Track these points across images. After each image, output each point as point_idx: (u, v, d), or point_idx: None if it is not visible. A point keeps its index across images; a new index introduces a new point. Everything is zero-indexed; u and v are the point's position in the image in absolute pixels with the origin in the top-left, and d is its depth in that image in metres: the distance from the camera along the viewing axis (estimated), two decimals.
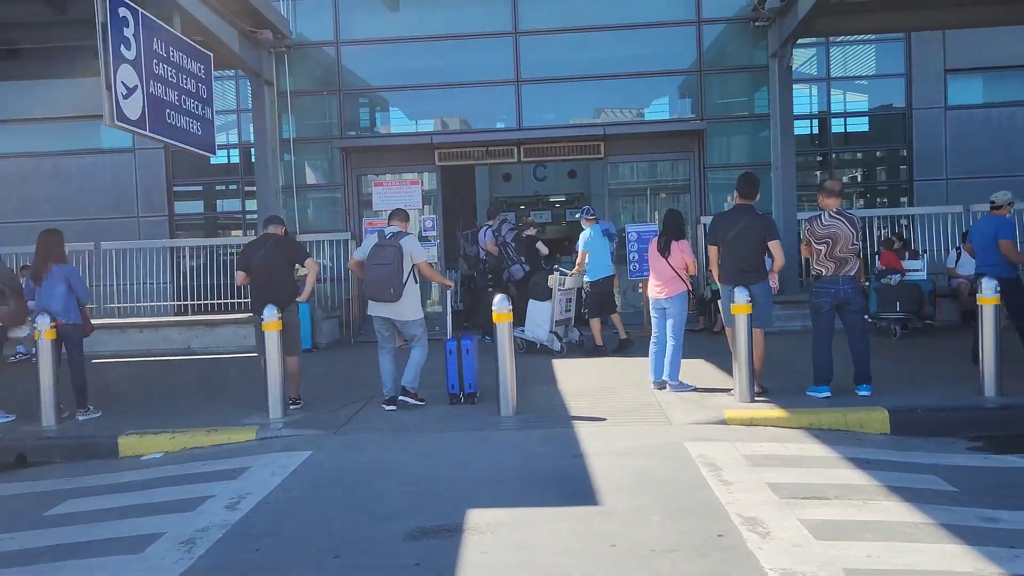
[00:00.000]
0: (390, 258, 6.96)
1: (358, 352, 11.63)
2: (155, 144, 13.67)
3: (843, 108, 14.09)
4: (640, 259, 12.14)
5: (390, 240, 7.10)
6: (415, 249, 7.14)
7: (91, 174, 14.39)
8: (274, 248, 7.10)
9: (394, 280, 6.95)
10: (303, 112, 13.60)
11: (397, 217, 7.34)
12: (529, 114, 13.07)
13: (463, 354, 7.32)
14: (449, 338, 7.45)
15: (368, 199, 13.20)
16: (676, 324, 7.57)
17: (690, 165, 13.04)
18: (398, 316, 7.18)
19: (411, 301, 7.14)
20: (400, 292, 6.99)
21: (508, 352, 6.85)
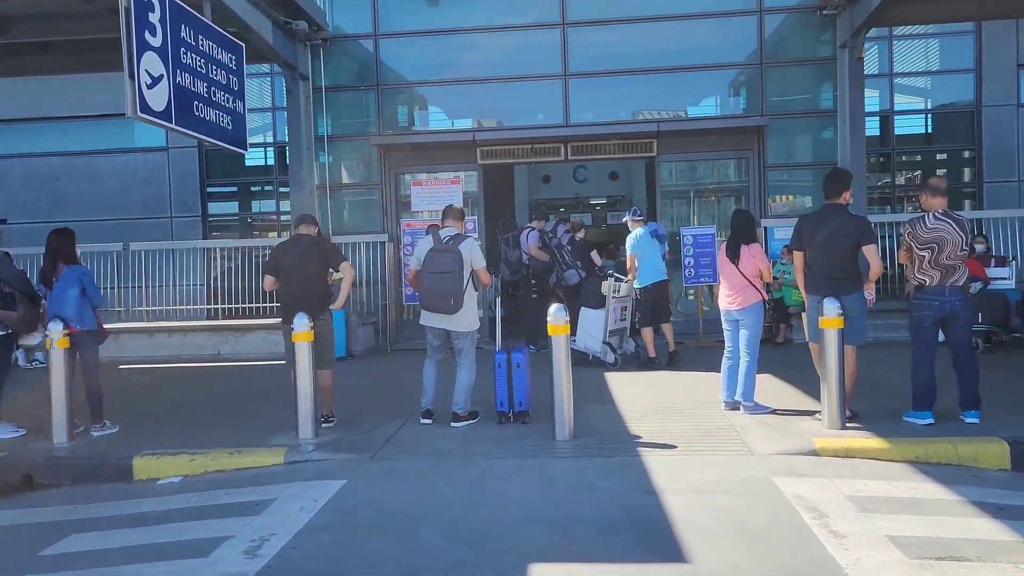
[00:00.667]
0: (450, 265, 6.30)
1: (395, 361, 10.98)
2: (188, 142, 13.30)
3: (906, 106, 13.17)
4: (696, 264, 11.36)
5: (448, 244, 6.43)
6: (476, 254, 6.48)
7: (124, 173, 13.97)
8: (306, 250, 6.45)
9: (455, 289, 6.30)
10: (339, 108, 12.98)
11: (451, 216, 6.66)
12: (577, 110, 12.32)
13: (513, 368, 6.59)
14: (498, 350, 6.72)
15: (407, 200, 12.55)
16: (751, 338, 6.79)
17: (748, 165, 12.18)
18: (455, 327, 6.53)
19: (469, 311, 6.50)
20: (461, 302, 6.34)
21: (564, 368, 6.10)
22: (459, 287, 6.29)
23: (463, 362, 6.62)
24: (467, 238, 6.53)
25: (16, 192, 14.03)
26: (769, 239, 11.72)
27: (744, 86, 12.47)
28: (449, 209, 6.72)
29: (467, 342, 6.58)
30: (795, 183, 12.50)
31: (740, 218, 7.34)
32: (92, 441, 6.53)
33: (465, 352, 6.59)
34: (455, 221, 6.65)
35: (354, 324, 11.34)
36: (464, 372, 6.61)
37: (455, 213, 6.69)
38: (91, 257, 12.56)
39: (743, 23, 12.14)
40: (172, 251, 12.55)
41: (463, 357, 6.61)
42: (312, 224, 6.62)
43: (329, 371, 6.64)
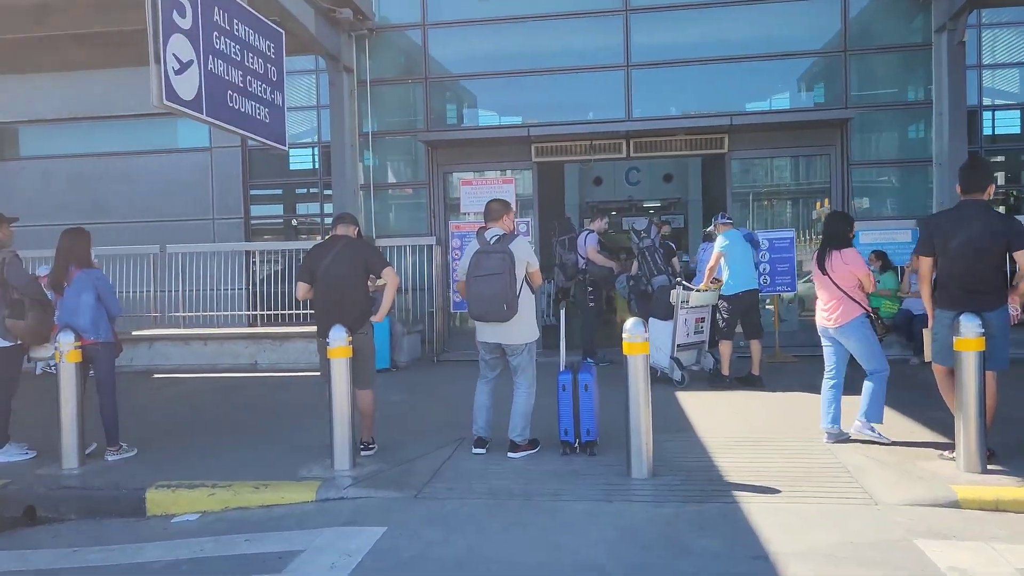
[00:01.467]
0: (499, 266, 5.47)
1: (443, 373, 10.16)
2: (230, 141, 12.70)
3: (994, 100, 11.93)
4: (772, 270, 10.33)
5: (496, 245, 5.58)
6: (530, 254, 5.66)
7: (165, 174, 13.41)
8: (344, 254, 5.63)
9: (507, 293, 5.45)
10: (384, 103, 12.23)
11: (494, 214, 5.72)
12: (640, 103, 11.38)
13: (580, 391, 5.69)
14: (562, 370, 5.83)
15: (455, 201, 11.75)
16: (869, 354, 5.87)
17: (830, 162, 11.10)
18: (508, 339, 5.68)
19: (526, 320, 5.66)
20: (515, 307, 5.50)
21: (643, 393, 5.17)
22: (511, 290, 5.45)
23: (520, 381, 5.76)
24: (516, 236, 5.67)
25: (61, 193, 13.58)
26: (855, 244, 10.58)
27: (825, 76, 11.39)
28: (491, 206, 5.75)
29: (524, 357, 5.72)
30: (881, 183, 11.36)
31: (833, 221, 6.37)
32: (105, 467, 5.80)
33: (523, 369, 5.74)
34: (499, 220, 5.74)
35: (399, 333, 10.56)
36: (522, 393, 5.75)
37: (498, 210, 5.72)
38: (127, 260, 12.06)
39: (824, 6, 11.08)
40: (211, 254, 11.92)
41: (520, 375, 5.75)
42: (351, 224, 5.81)
43: (370, 391, 5.82)
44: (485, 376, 5.94)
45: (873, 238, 10.60)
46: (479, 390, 5.95)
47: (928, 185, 10.93)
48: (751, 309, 8.39)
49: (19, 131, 14.06)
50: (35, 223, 13.40)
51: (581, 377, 5.69)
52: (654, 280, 9.34)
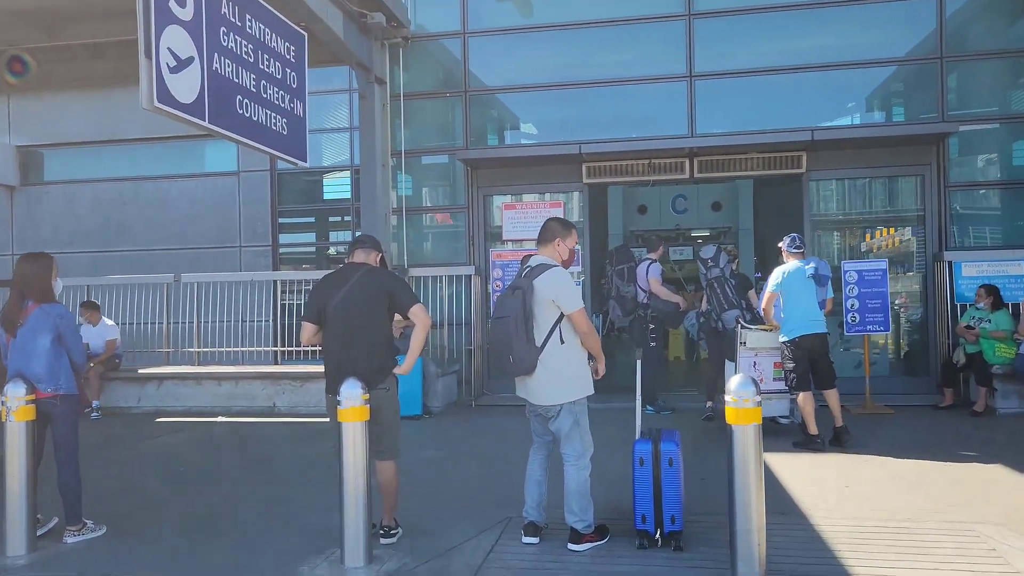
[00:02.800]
0: (511, 308, 4.30)
1: (482, 421, 8.92)
2: (259, 164, 11.82)
3: None
4: (862, 307, 8.96)
5: (521, 280, 4.41)
6: (561, 289, 4.32)
7: (192, 199, 12.48)
8: (362, 287, 4.42)
9: (515, 341, 4.26)
10: (420, 119, 11.17)
11: (545, 235, 4.55)
12: (704, 118, 10.13)
13: (663, 467, 4.39)
14: (639, 438, 4.54)
15: (497, 230, 10.61)
16: None
17: (924, 183, 9.71)
18: (536, 399, 4.44)
19: (558, 374, 4.35)
20: (528, 359, 4.28)
21: (754, 478, 3.86)
22: (519, 338, 4.25)
23: (567, 452, 4.45)
24: (550, 268, 4.39)
25: (83, 219, 12.74)
26: (956, 277, 9.22)
27: (917, 86, 10.04)
28: (544, 226, 4.59)
29: (564, 422, 4.40)
30: (983, 209, 9.93)
31: None
32: (62, 553, 4.61)
33: (566, 436, 4.42)
34: (546, 244, 4.53)
35: (432, 375, 9.34)
36: (571, 468, 4.45)
37: (549, 231, 4.54)
38: (140, 290, 11.08)
39: (915, 7, 9.77)
40: (232, 284, 10.87)
41: (565, 444, 4.45)
42: (372, 249, 4.61)
43: (392, 463, 4.57)
44: (536, 441, 4.69)
45: (980, 271, 9.19)
46: (531, 457, 4.69)
47: None
48: (818, 356, 7.02)
49: (44, 155, 13.29)
50: (59, 250, 12.63)
51: (664, 449, 4.40)
52: (724, 316, 8.06)
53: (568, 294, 4.32)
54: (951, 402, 8.78)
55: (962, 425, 7.91)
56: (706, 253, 8.27)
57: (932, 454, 6.59)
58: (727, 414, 3.89)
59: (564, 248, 4.54)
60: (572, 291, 4.36)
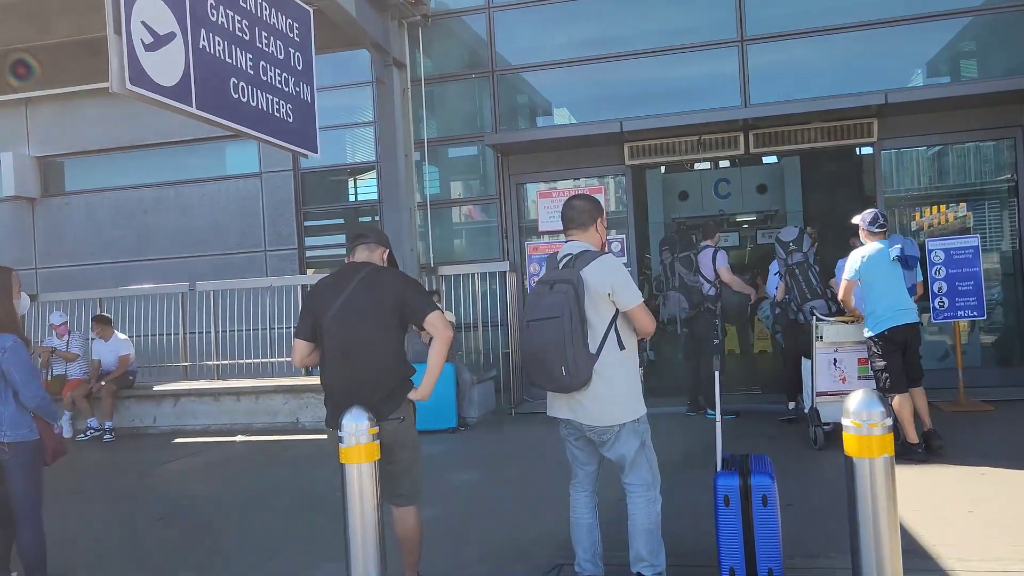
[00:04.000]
0: (559, 305, 3.31)
1: (522, 433, 8.03)
2: (282, 164, 11.12)
3: None
4: (951, 290, 7.87)
5: (563, 272, 3.42)
6: (619, 281, 3.38)
7: (214, 204, 11.80)
8: (365, 293, 3.51)
9: (567, 349, 3.27)
10: (444, 105, 10.30)
11: (577, 217, 3.55)
12: (759, 86, 9.09)
13: (756, 506, 3.44)
14: (721, 470, 3.58)
15: (532, 223, 9.70)
16: None
17: (1013, 150, 8.55)
18: (587, 418, 3.45)
19: (611, 388, 3.38)
20: (584, 371, 3.31)
21: (887, 522, 2.90)
22: (575, 343, 3.27)
23: (633, 482, 3.51)
24: (600, 255, 3.45)
25: (105, 229, 12.14)
26: None
27: (998, 39, 8.88)
28: (570, 205, 3.57)
29: (630, 445, 3.45)
30: None
31: None
32: None
33: (632, 463, 3.48)
34: (584, 228, 3.55)
35: (467, 383, 8.46)
36: (639, 501, 3.49)
37: (581, 212, 3.54)
38: (154, 301, 10.40)
39: None
40: (252, 291, 10.12)
41: (631, 473, 3.50)
42: (378, 245, 3.69)
43: (413, 508, 3.66)
44: (577, 473, 3.68)
45: None
46: (573, 497, 3.71)
47: None
48: (910, 350, 5.97)
49: (64, 164, 12.73)
50: (82, 262, 12.09)
51: (757, 483, 3.43)
52: (806, 307, 7.05)
53: (628, 285, 3.39)
54: None
55: None
56: (787, 236, 7.23)
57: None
58: (846, 443, 2.93)
59: (602, 231, 3.62)
60: (631, 282, 3.43)
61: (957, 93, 8.19)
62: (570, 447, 3.64)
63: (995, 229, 8.88)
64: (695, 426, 7.55)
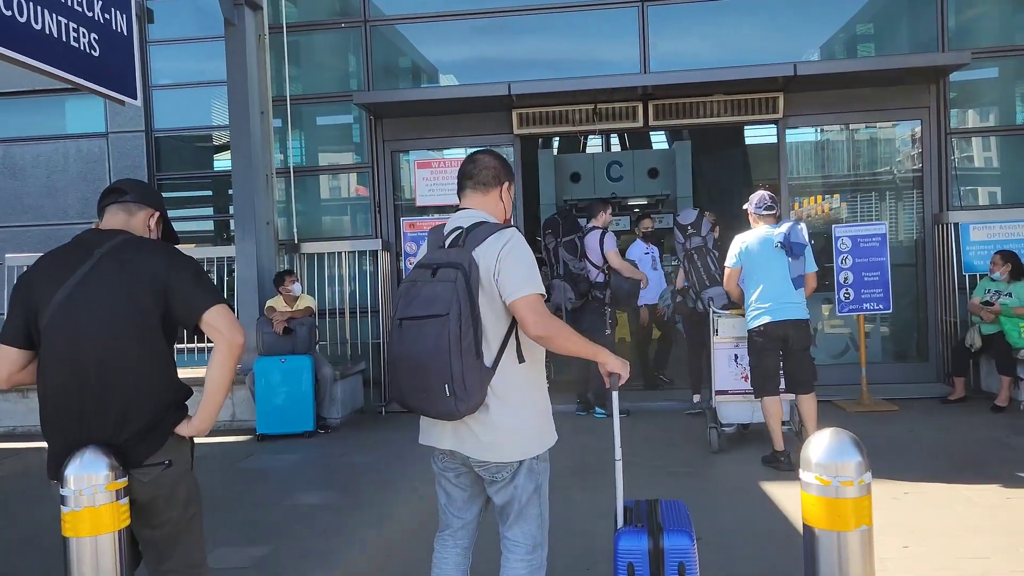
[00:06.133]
0: (443, 301, 2.33)
1: (392, 436, 7.01)
2: (132, 125, 9.62)
3: None
4: (857, 281, 7.34)
5: (450, 253, 2.45)
6: (507, 259, 2.40)
7: (51, 167, 10.07)
8: (105, 277, 2.34)
9: (453, 361, 2.30)
10: (310, 58, 9.04)
11: (478, 177, 2.61)
12: (661, 51, 8.30)
13: (666, 570, 2.51)
14: (623, 526, 2.61)
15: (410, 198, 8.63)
16: None
17: (921, 131, 8.09)
18: (477, 450, 2.45)
19: (511, 413, 2.43)
20: (474, 392, 2.34)
21: None
22: (468, 354, 2.33)
23: (515, 538, 2.54)
24: (500, 229, 2.47)
25: None
26: (963, 242, 7.65)
27: (912, 9, 8.40)
28: (475, 159, 2.66)
29: (523, 488, 2.51)
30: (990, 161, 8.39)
31: None
32: None
33: (519, 512, 2.52)
34: (482, 190, 2.62)
35: (328, 378, 7.31)
36: (519, 568, 2.52)
37: (492, 170, 2.63)
38: None
39: None
40: None
41: (516, 525, 2.54)
42: (141, 206, 2.50)
43: None
44: (450, 522, 2.66)
45: (990, 234, 7.64)
46: (440, 556, 2.66)
47: None
48: (794, 350, 5.32)
49: None
50: None
51: (671, 545, 2.49)
52: (704, 294, 6.31)
53: (520, 267, 2.40)
54: (963, 394, 7.23)
55: (989, 426, 6.35)
56: (685, 219, 6.48)
57: (973, 471, 5.02)
58: (805, 507, 2.04)
59: (509, 200, 2.70)
60: (526, 264, 2.44)
61: (868, 67, 7.59)
62: (445, 486, 2.64)
63: (900, 217, 8.43)
64: (585, 428, 6.73)
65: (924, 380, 7.95)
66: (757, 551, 3.87)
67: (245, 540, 4.38)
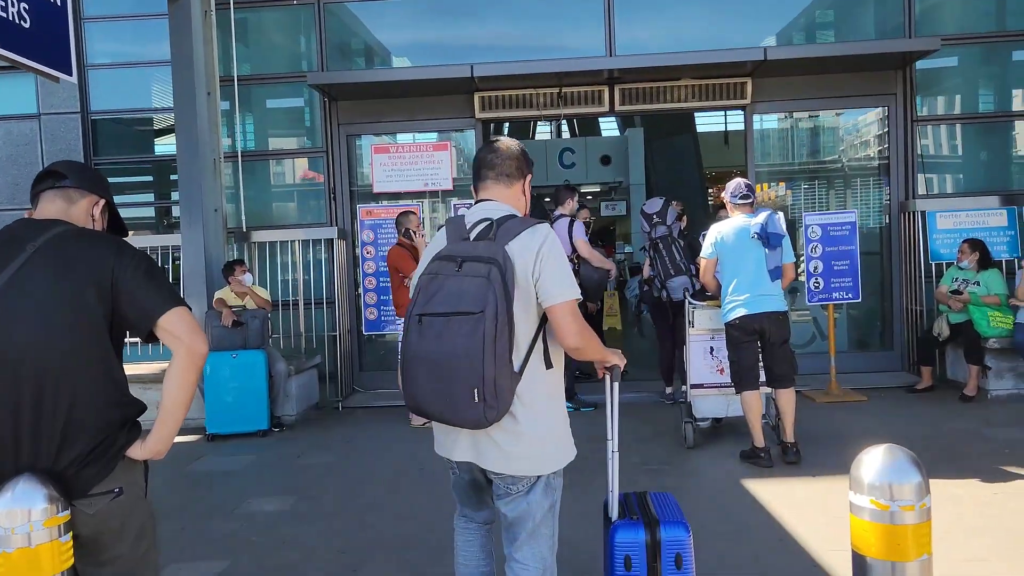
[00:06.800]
0: (478, 297, 2.13)
1: (350, 432, 6.71)
2: (65, 106, 9.02)
3: None
4: (827, 270, 7.26)
5: (480, 246, 2.24)
6: (549, 261, 2.23)
7: None
8: (41, 273, 1.98)
9: (487, 364, 2.10)
10: (261, 37, 8.59)
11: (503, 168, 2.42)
12: (627, 34, 8.06)
13: (665, 567, 2.41)
14: (616, 517, 2.53)
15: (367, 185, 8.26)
16: None
17: (888, 118, 8.02)
18: (500, 466, 2.29)
19: (534, 423, 2.26)
20: (504, 398, 2.15)
21: None
22: (499, 355, 2.11)
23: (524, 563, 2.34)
24: (536, 224, 2.28)
25: None
26: (929, 230, 7.62)
27: (877, 2, 8.32)
28: (495, 148, 2.44)
29: (538, 505, 2.34)
30: (956, 153, 8.37)
31: None
32: None
33: (532, 530, 2.34)
34: (505, 182, 2.42)
35: (282, 374, 6.93)
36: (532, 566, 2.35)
37: (515, 160, 2.43)
38: None
39: None
40: None
41: (527, 544, 2.34)
42: (84, 192, 2.16)
43: None
44: (474, 517, 2.59)
45: (956, 223, 7.62)
46: (460, 538, 2.61)
47: (1011, 148, 8.06)
48: (772, 343, 5.17)
49: None
50: None
51: (668, 537, 2.44)
52: (670, 283, 6.14)
53: (563, 271, 2.27)
54: (930, 383, 7.20)
55: (961, 417, 6.29)
56: (651, 207, 6.32)
57: (954, 465, 4.95)
58: (855, 531, 1.82)
59: (529, 194, 2.53)
60: (567, 268, 2.31)
61: (840, 52, 7.47)
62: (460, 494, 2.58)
63: (868, 204, 8.37)
64: None
65: (889, 369, 7.92)
66: (746, 553, 3.68)
67: (198, 554, 4.05)
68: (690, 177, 17.08)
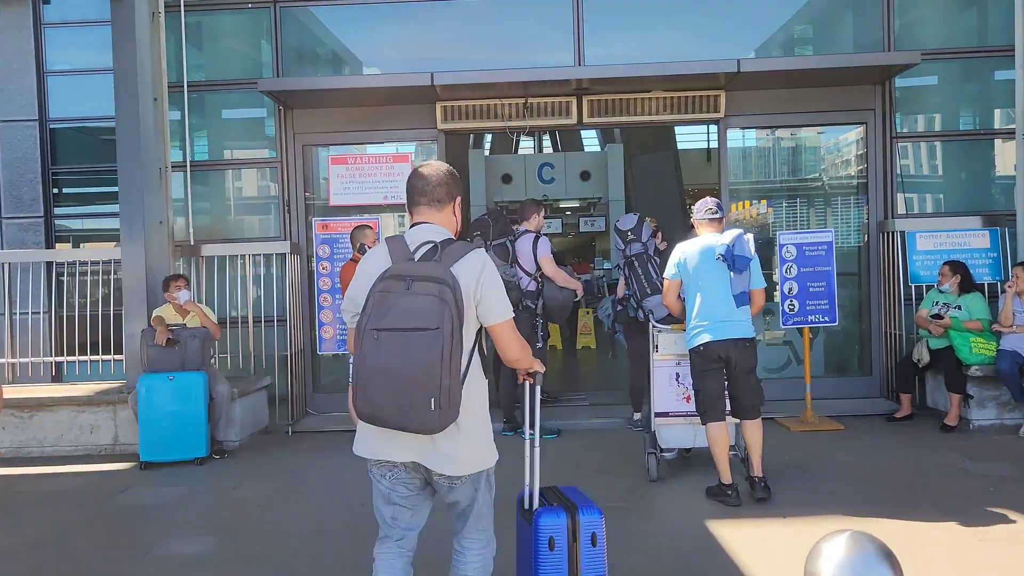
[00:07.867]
0: (433, 314, 2.33)
1: (298, 459, 6.29)
2: (22, 113, 8.55)
3: None
4: (802, 291, 6.93)
5: (428, 267, 2.42)
6: (488, 285, 2.51)
7: None
8: None
9: (443, 376, 2.31)
10: (213, 43, 8.21)
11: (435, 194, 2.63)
12: (596, 43, 7.75)
13: (583, 545, 2.76)
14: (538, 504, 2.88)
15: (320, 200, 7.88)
16: None
17: (867, 135, 7.72)
18: (447, 467, 2.50)
19: (475, 425, 2.54)
20: (455, 406, 2.37)
21: None
22: (449, 369, 2.33)
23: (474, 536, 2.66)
24: (474, 249, 2.55)
25: None
26: (909, 251, 7.30)
27: (857, 10, 8.05)
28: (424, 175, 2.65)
29: (484, 496, 2.64)
30: (936, 166, 8.10)
31: None
32: None
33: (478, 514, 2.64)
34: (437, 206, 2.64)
35: (223, 396, 6.48)
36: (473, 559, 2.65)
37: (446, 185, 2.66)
38: None
39: None
40: None
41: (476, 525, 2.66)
42: None
43: None
44: (398, 534, 2.64)
45: (937, 243, 7.30)
46: (384, 563, 2.65)
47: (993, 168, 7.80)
48: (738, 372, 4.81)
49: None
50: None
51: (586, 520, 2.78)
52: (646, 303, 5.78)
53: (501, 293, 2.57)
54: (910, 411, 6.86)
55: (941, 448, 5.95)
56: (625, 224, 5.97)
57: (935, 504, 4.59)
58: None
59: (460, 213, 2.76)
60: (503, 289, 2.62)
61: (816, 65, 7.18)
62: (392, 504, 2.61)
63: (847, 223, 8.05)
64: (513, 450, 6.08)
65: (867, 395, 7.58)
66: None
67: None
68: (670, 194, 16.85)
